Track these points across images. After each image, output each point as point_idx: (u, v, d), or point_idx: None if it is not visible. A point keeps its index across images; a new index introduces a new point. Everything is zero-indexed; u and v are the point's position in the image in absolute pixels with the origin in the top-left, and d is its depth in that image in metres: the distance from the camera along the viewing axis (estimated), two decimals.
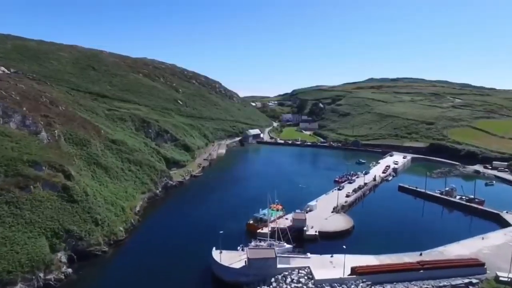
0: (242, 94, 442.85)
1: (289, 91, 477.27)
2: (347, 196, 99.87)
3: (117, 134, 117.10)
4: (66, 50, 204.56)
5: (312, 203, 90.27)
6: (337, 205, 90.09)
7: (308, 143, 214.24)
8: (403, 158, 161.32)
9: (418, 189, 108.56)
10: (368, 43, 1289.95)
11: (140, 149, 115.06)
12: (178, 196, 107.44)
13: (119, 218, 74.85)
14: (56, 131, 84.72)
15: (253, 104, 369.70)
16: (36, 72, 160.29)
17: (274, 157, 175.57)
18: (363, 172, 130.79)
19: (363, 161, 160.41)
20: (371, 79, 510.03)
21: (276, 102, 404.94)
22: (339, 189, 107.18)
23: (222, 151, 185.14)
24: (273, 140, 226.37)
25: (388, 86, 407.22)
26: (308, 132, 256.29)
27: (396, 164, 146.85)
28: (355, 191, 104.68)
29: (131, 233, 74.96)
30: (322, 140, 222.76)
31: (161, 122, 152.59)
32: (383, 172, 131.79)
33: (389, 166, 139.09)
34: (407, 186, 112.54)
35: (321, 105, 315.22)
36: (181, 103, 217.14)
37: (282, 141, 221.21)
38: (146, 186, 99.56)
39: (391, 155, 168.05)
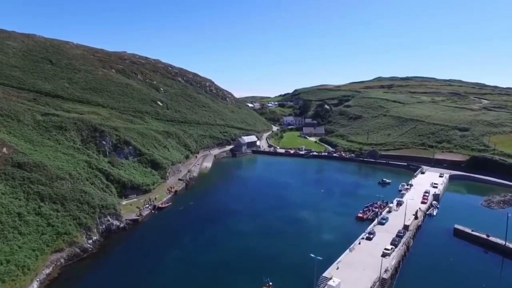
0: (241, 94, 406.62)
1: (291, 91, 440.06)
2: (385, 254, 62.35)
3: (39, 152, 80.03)
4: (18, 39, 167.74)
5: (332, 280, 52.70)
6: (377, 283, 52.83)
7: (314, 153, 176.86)
8: (440, 176, 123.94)
9: (490, 239, 70.96)
10: (373, 41, 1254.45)
11: (72, 173, 77.82)
12: (120, 251, 69.95)
13: None
14: None
15: (251, 105, 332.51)
16: None
17: (272, 173, 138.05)
18: (395, 201, 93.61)
19: (388, 180, 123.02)
20: (380, 78, 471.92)
21: (276, 103, 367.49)
22: (368, 238, 70.01)
23: (208, 164, 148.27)
24: (271, 149, 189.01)
25: (399, 86, 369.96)
26: (313, 139, 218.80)
27: (436, 187, 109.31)
28: (394, 243, 67.03)
29: None
30: (330, 149, 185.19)
31: (121, 130, 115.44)
32: (422, 202, 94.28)
33: (428, 193, 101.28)
34: (469, 232, 74.85)
35: (327, 106, 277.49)
36: (161, 104, 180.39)
37: (283, 151, 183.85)
38: (65, 238, 62.38)
39: (422, 172, 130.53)
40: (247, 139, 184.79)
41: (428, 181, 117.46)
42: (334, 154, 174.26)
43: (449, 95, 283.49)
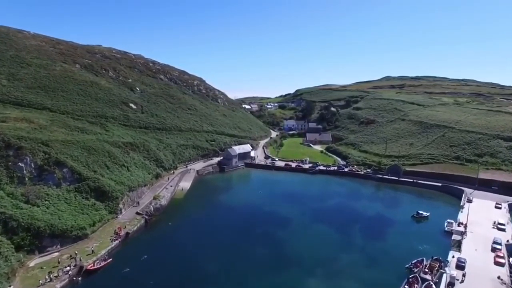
0: (241, 95, 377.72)
1: (292, 91, 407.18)
2: None
3: None
4: None
5: None
6: None
7: (321, 167, 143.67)
8: (497, 207, 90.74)
9: None
10: (379, 40, 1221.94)
11: None
12: None
13: None
14: None
15: (248, 106, 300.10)
16: None
17: (268, 199, 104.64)
18: (453, 259, 60.57)
19: (425, 214, 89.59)
20: (388, 77, 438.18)
21: (276, 104, 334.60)
22: None
23: (186, 184, 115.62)
24: (269, 161, 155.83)
25: (411, 85, 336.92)
26: (318, 147, 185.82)
27: (503, 229, 75.94)
28: None
29: None
30: (341, 162, 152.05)
31: (55, 145, 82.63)
32: (497, 263, 60.82)
33: (499, 243, 67.77)
34: None
35: (333, 108, 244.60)
36: (134, 107, 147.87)
37: (282, 164, 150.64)
38: None
39: (469, 200, 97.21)
40: (238, 149, 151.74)
41: (485, 215, 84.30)
42: (346, 169, 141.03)
43: (472, 95, 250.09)
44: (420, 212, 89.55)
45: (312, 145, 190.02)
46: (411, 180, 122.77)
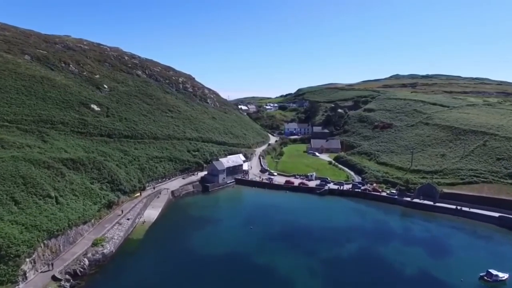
0: (241, 95, 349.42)
1: (293, 90, 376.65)
2: None
3: None
4: None
5: None
6: None
7: (331, 185, 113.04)
8: None
9: None
10: (386, 37, 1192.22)
11: None
12: None
13: None
14: None
15: (245, 107, 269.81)
16: None
17: (261, 241, 73.65)
18: None
19: (501, 276, 58.43)
20: (397, 76, 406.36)
21: (276, 104, 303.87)
22: None
23: (153, 213, 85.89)
24: (266, 176, 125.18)
25: (425, 84, 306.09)
26: (325, 157, 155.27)
27: None
28: None
29: None
30: (355, 178, 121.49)
31: None
32: None
33: None
34: None
35: (340, 110, 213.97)
36: (97, 109, 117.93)
37: (282, 180, 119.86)
38: None
39: None
40: (227, 161, 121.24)
41: None
42: (362, 188, 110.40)
43: (500, 95, 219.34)
44: (494, 272, 58.61)
45: (317, 154, 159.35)
46: (453, 207, 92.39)
